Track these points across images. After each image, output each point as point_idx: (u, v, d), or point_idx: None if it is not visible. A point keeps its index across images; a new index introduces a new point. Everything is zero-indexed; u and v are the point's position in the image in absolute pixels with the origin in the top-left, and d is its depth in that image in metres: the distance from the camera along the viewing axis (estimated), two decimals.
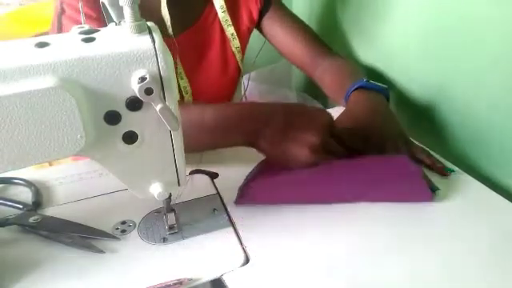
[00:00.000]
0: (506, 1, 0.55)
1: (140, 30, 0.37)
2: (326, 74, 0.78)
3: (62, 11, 0.68)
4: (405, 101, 0.80)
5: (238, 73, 0.86)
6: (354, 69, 0.78)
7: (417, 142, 0.64)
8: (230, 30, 0.80)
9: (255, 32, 0.86)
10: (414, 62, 0.76)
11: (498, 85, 0.59)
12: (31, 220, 0.49)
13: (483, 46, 0.60)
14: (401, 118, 0.81)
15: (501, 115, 0.60)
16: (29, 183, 0.57)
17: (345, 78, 0.73)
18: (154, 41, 0.36)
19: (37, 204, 0.53)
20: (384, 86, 0.67)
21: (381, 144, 0.59)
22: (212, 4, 0.78)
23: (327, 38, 0.86)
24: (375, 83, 0.67)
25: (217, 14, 0.79)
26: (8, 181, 0.58)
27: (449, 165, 0.60)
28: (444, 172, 0.58)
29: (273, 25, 0.83)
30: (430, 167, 0.58)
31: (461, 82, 0.65)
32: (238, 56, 0.83)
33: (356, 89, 0.66)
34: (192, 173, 0.59)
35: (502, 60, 0.57)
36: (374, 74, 0.88)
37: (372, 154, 0.58)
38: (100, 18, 0.65)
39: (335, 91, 0.73)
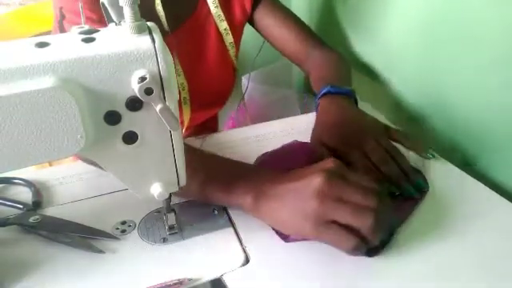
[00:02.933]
0: (506, 1, 0.55)
1: (140, 30, 0.37)
2: (313, 69, 0.78)
3: (63, 17, 0.67)
4: (403, 99, 0.80)
5: (234, 69, 0.86)
6: (340, 64, 0.78)
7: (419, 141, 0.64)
8: (222, 26, 0.80)
9: (254, 32, 0.86)
10: (412, 60, 0.76)
11: (498, 84, 0.59)
12: (31, 220, 0.49)
13: (482, 44, 0.60)
14: (399, 116, 0.81)
15: (500, 114, 0.60)
16: (29, 183, 0.57)
17: (327, 74, 0.72)
18: (153, 41, 0.36)
19: (37, 204, 0.53)
20: (349, 88, 0.66)
21: (362, 143, 0.56)
22: None
23: (327, 37, 0.86)
24: (340, 87, 0.65)
25: (210, 8, 0.79)
26: (8, 181, 0.58)
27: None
28: (423, 153, 0.59)
29: (265, 16, 0.82)
30: (410, 148, 0.60)
31: (460, 80, 0.65)
32: (232, 51, 0.83)
33: (325, 94, 0.65)
34: None
35: (502, 59, 0.57)
36: (373, 71, 0.88)
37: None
38: (102, 20, 0.65)
39: (317, 89, 0.71)
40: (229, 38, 0.81)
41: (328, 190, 0.42)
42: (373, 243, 0.42)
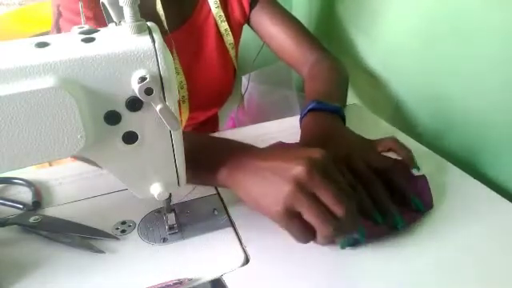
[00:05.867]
0: (505, 1, 0.55)
1: (140, 30, 0.37)
2: (308, 78, 0.74)
3: (59, 15, 0.67)
4: (403, 100, 0.80)
5: (233, 70, 0.86)
6: (337, 75, 0.74)
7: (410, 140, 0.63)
8: (223, 26, 0.79)
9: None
10: (413, 61, 0.76)
11: (498, 85, 0.59)
12: (31, 220, 0.49)
13: (482, 45, 0.60)
14: (399, 117, 0.81)
15: (501, 115, 0.60)
16: (29, 183, 0.57)
17: (320, 89, 0.68)
18: (153, 41, 0.36)
19: (37, 204, 0.53)
20: (337, 105, 0.61)
21: (346, 163, 0.51)
22: None
23: (327, 38, 0.86)
24: (327, 104, 0.60)
25: (210, 8, 0.79)
26: (8, 181, 0.58)
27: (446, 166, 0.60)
28: (411, 165, 0.55)
29: (261, 16, 0.80)
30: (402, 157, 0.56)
31: (460, 81, 0.65)
32: (232, 52, 0.83)
33: (310, 110, 0.61)
34: None
35: (502, 60, 0.57)
36: (372, 72, 0.88)
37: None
38: (97, 17, 0.65)
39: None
40: (229, 39, 0.81)
41: (305, 181, 0.40)
42: (322, 244, 0.43)
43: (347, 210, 0.40)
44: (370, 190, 0.49)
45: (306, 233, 0.41)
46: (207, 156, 0.49)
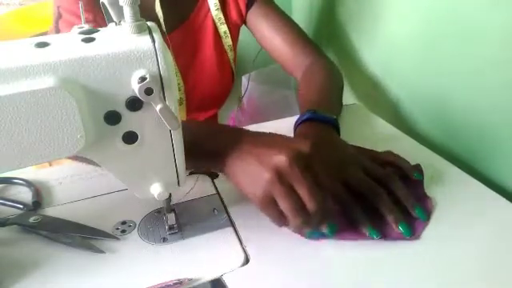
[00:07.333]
0: (505, 2, 0.55)
1: (140, 30, 0.37)
2: (302, 83, 0.73)
3: (59, 16, 0.67)
4: (404, 101, 0.80)
5: (231, 72, 0.86)
6: (331, 81, 0.73)
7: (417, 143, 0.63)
8: (222, 28, 0.79)
9: None
10: (413, 62, 0.76)
11: (498, 85, 0.59)
12: (31, 220, 0.49)
13: (482, 45, 0.60)
14: (399, 117, 0.81)
15: (501, 115, 0.60)
16: (29, 183, 0.57)
17: (314, 97, 0.67)
18: (153, 41, 0.36)
19: (37, 204, 0.53)
20: (332, 116, 0.61)
21: (343, 173, 0.51)
22: (203, 0, 0.78)
23: (327, 39, 0.86)
24: (323, 114, 0.60)
25: (208, 10, 0.79)
26: (8, 181, 0.58)
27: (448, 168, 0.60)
28: (411, 173, 0.55)
29: (257, 18, 0.80)
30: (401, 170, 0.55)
31: (460, 81, 0.65)
32: (231, 54, 0.83)
33: (304, 120, 0.60)
34: (192, 173, 0.59)
35: (502, 60, 0.57)
36: (372, 73, 0.88)
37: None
38: (96, 19, 0.65)
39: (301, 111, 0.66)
40: (228, 41, 0.81)
41: (285, 171, 0.41)
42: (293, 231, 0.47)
43: (318, 206, 0.42)
44: (373, 200, 0.49)
45: (281, 219, 0.44)
46: (205, 141, 0.49)
